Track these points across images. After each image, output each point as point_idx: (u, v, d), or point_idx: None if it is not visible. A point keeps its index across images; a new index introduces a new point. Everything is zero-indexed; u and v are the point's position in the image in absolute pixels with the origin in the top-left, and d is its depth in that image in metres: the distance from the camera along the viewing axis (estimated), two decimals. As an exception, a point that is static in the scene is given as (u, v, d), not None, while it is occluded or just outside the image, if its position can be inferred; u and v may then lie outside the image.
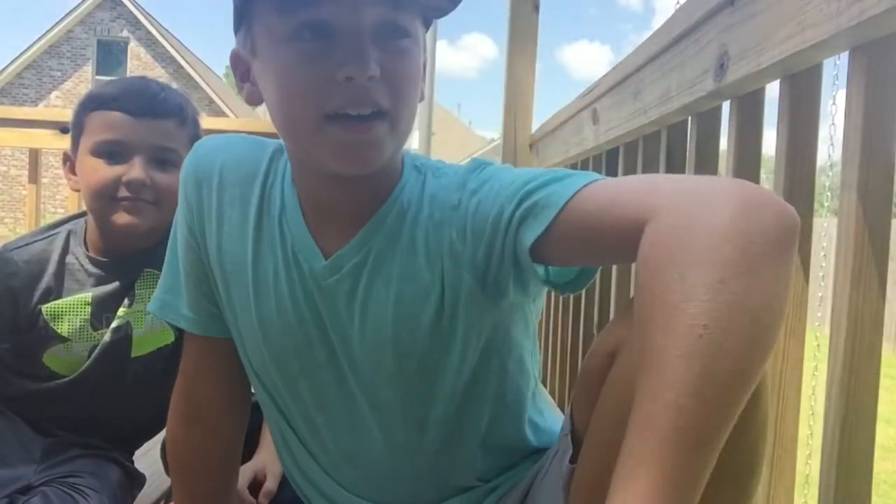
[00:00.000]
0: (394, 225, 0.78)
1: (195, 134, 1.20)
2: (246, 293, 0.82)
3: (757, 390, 0.54)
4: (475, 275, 0.75)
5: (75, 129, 1.17)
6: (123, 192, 1.11)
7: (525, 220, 0.68)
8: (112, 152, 1.12)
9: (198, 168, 0.85)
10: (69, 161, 1.18)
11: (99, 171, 1.12)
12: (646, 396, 0.50)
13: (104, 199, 1.12)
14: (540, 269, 0.72)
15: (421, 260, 0.76)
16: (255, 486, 1.08)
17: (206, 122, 1.43)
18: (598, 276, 1.50)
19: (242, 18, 0.75)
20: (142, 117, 1.12)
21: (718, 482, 0.55)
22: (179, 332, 1.20)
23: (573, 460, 0.71)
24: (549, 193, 0.68)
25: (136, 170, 1.11)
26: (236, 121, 6.46)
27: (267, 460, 1.10)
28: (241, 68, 0.78)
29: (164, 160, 1.13)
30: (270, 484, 1.07)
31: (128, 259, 1.18)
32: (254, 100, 0.77)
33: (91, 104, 1.15)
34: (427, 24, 0.76)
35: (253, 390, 0.93)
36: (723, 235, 0.51)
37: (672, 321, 0.50)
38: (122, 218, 1.11)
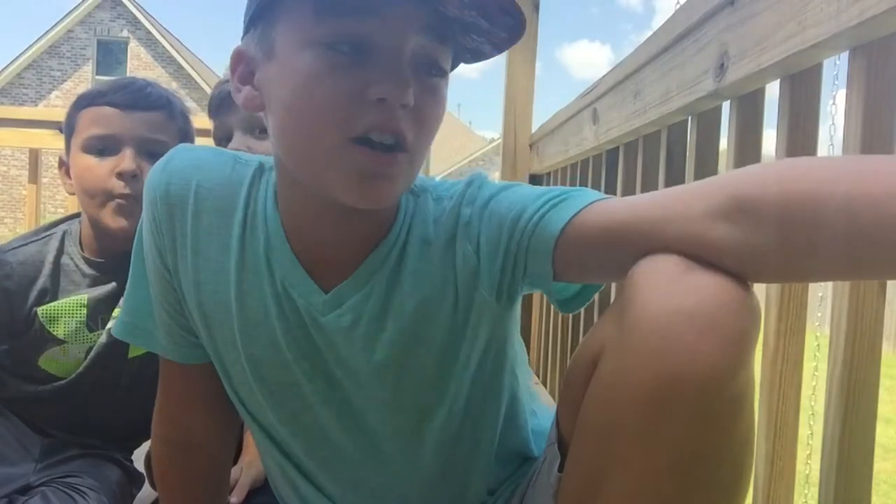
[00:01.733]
0: (399, 255, 0.74)
1: (185, 128, 1.21)
2: (231, 333, 0.76)
3: (738, 405, 0.53)
4: (490, 286, 0.73)
5: (67, 131, 1.17)
6: (116, 186, 1.11)
7: (549, 213, 0.67)
8: (102, 147, 1.12)
9: (169, 189, 0.76)
10: (64, 165, 1.19)
11: (91, 167, 1.12)
12: None
13: (97, 195, 1.12)
14: (549, 275, 0.69)
15: (430, 286, 0.73)
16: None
17: (207, 122, 1.43)
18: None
19: (262, 14, 0.67)
20: (130, 109, 1.13)
21: (702, 496, 0.55)
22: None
23: (560, 468, 0.69)
24: (576, 194, 0.68)
25: (126, 160, 1.11)
26: (236, 121, 6.43)
27: (243, 464, 1.10)
28: (243, 69, 0.70)
29: (155, 152, 1.14)
30: (242, 481, 1.06)
31: (123, 259, 1.17)
32: (252, 106, 0.70)
33: (80, 103, 1.16)
34: (453, 67, 0.71)
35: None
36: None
37: None
38: (114, 221, 1.11)
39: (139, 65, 18.26)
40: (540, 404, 0.93)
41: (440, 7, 0.63)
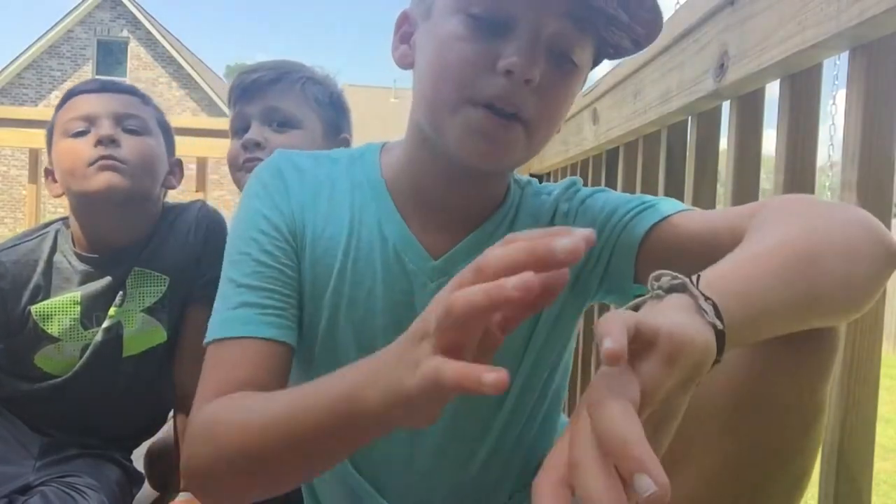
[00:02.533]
0: (505, 233, 0.77)
1: (161, 119, 1.23)
2: (338, 299, 0.78)
3: (811, 417, 0.58)
4: (570, 273, 0.76)
5: (49, 134, 1.20)
6: (96, 153, 1.12)
7: (640, 213, 0.74)
8: (82, 128, 1.14)
9: (286, 172, 0.80)
10: (50, 175, 1.20)
11: (72, 147, 1.14)
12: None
13: (80, 169, 1.13)
14: (630, 273, 0.74)
15: None
16: None
17: (206, 122, 1.44)
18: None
19: None
20: (102, 92, 1.17)
21: (777, 486, 0.59)
22: (172, 332, 1.20)
23: None
24: (665, 201, 0.75)
25: (104, 128, 1.13)
26: (236, 121, 6.43)
27: None
28: (405, 29, 0.77)
29: (132, 129, 1.16)
30: None
31: (115, 255, 1.18)
32: (405, 63, 0.76)
33: (58, 105, 1.20)
34: (597, 62, 0.75)
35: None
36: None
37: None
38: (97, 182, 1.12)
39: (139, 65, 18.26)
40: (564, 418, 0.93)
41: None
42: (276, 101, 1.23)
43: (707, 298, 0.46)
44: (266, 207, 0.77)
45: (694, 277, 0.48)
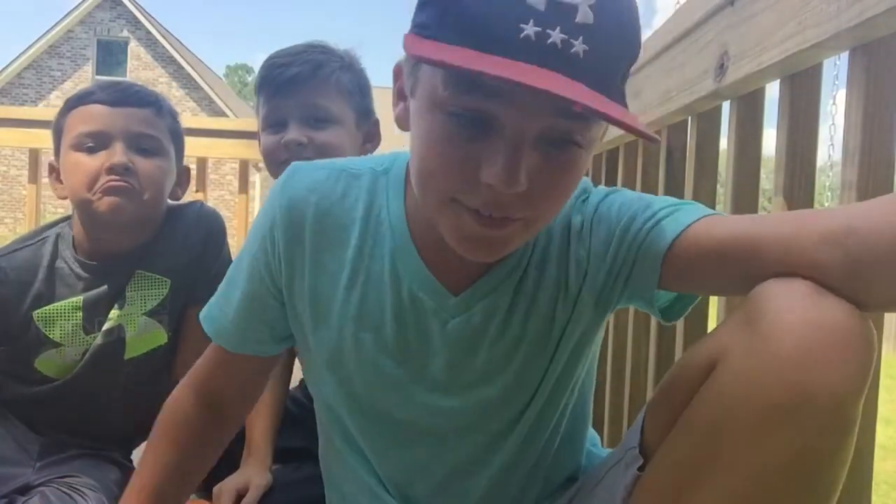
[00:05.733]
0: (522, 261, 0.76)
1: (175, 128, 1.21)
2: (338, 336, 0.78)
3: (853, 424, 0.55)
4: (593, 289, 0.75)
5: (56, 135, 1.17)
6: (107, 179, 1.10)
7: (662, 222, 0.69)
8: (93, 143, 1.12)
9: (290, 215, 0.77)
10: (55, 171, 1.19)
11: (81, 163, 1.12)
12: None
13: (88, 190, 1.11)
14: (653, 284, 0.71)
15: (548, 292, 0.76)
16: (240, 499, 1.08)
17: (206, 122, 1.44)
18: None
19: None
20: (118, 106, 1.14)
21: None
22: (172, 334, 1.20)
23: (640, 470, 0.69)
24: (687, 206, 0.71)
25: (117, 154, 1.11)
26: (236, 121, 6.45)
27: (250, 474, 1.10)
28: (400, 86, 0.70)
29: (145, 148, 1.14)
30: (249, 497, 1.06)
31: (117, 260, 1.18)
32: (401, 125, 0.70)
33: (67, 105, 1.17)
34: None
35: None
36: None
37: None
38: (105, 203, 1.11)
39: (139, 65, 18.27)
40: (592, 430, 0.93)
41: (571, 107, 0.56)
42: (312, 98, 1.20)
43: None
44: (259, 250, 0.80)
45: None
